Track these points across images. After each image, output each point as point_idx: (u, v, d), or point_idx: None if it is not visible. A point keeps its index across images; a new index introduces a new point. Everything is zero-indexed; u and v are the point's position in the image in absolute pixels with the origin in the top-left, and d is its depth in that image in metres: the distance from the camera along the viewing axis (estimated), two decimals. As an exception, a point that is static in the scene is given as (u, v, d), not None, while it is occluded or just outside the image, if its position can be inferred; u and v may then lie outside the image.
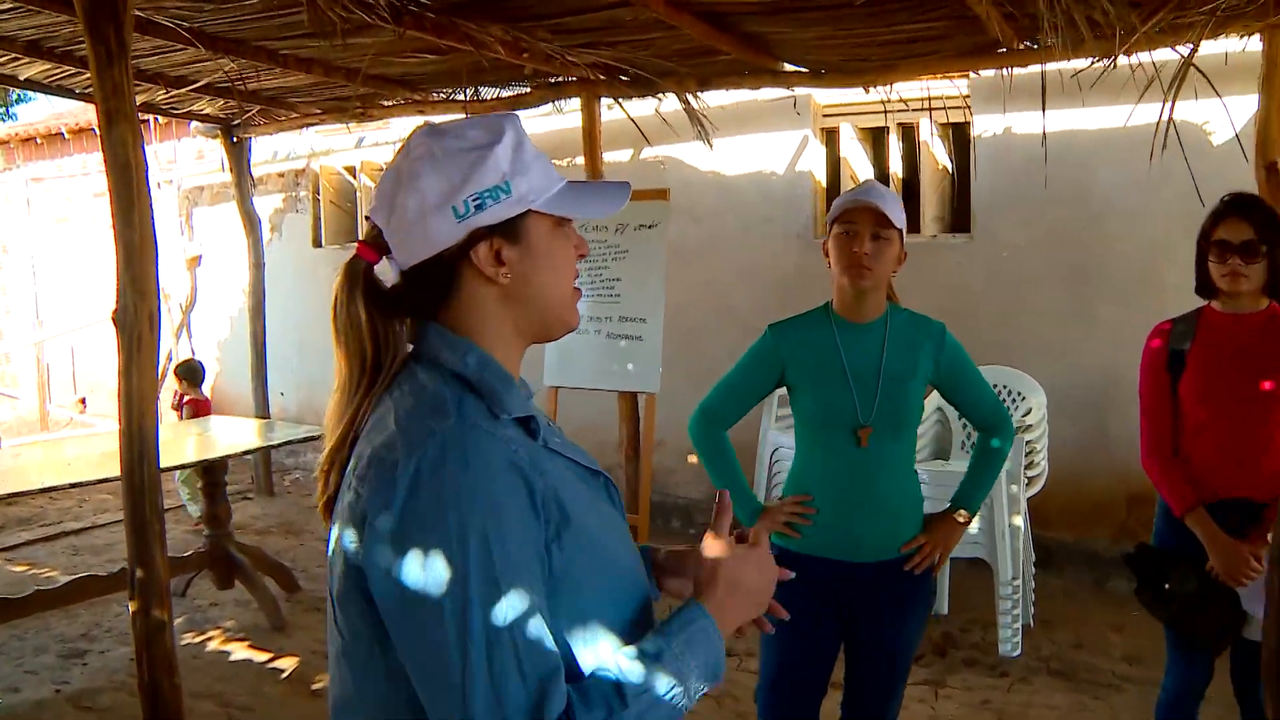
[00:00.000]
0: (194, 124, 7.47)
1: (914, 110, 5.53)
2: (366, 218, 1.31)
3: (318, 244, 8.70)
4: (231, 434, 5.87)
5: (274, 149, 8.49)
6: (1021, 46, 4.56)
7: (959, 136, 6.14)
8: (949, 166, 6.25)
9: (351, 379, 1.26)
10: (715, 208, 6.65)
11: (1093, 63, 4.12)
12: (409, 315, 1.29)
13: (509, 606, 1.08)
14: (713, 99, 5.69)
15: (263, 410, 7.63)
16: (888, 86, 5.08)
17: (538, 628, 1.09)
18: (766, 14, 4.20)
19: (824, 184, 6.48)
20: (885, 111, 5.29)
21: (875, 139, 6.55)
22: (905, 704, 2.85)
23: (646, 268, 5.57)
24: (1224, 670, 3.04)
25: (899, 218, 2.55)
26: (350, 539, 1.15)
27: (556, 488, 1.17)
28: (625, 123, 5.83)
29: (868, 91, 5.20)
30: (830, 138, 6.49)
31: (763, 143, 6.44)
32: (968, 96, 5.66)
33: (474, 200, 1.22)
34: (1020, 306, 5.68)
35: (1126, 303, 5.45)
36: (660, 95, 5.61)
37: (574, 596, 1.16)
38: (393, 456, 1.14)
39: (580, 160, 6.21)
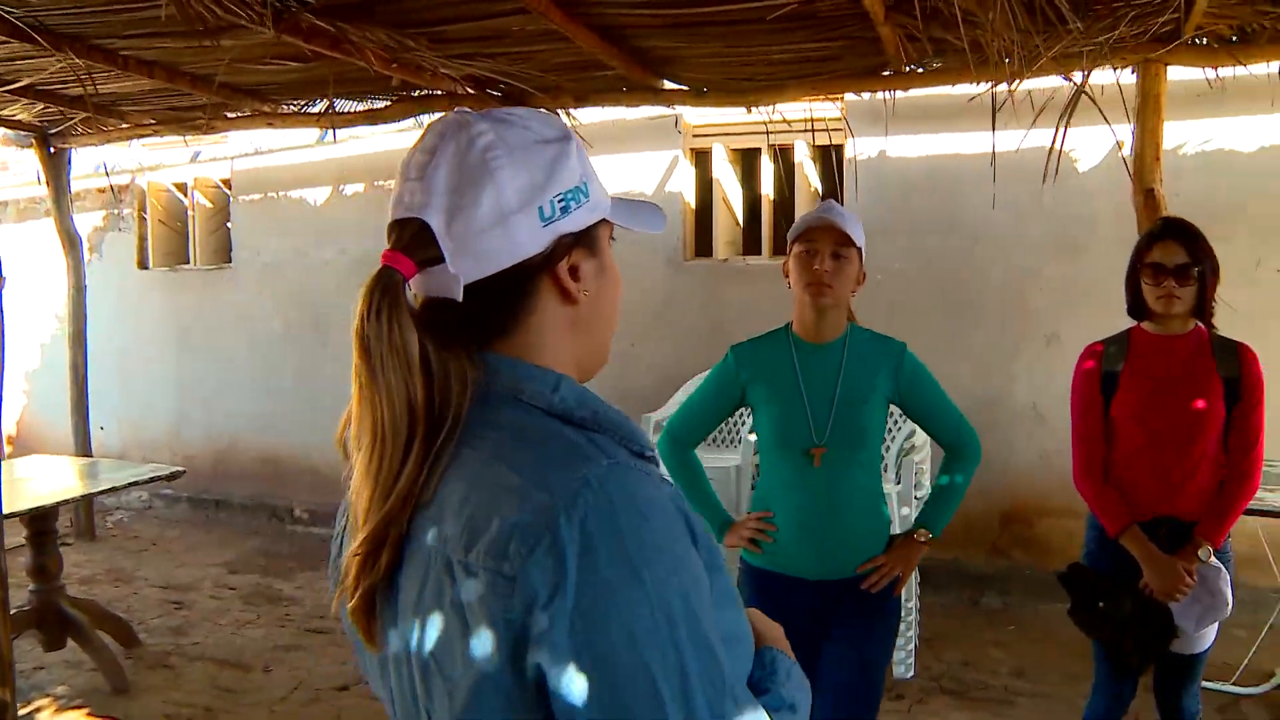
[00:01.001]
0: (2, 131, 6.80)
1: (795, 131, 5.49)
2: (403, 220, 1.02)
3: (143, 265, 8.04)
4: (55, 475, 5.27)
5: (95, 162, 7.82)
6: (907, 69, 4.58)
7: (831, 159, 6.15)
8: (820, 189, 6.26)
9: (395, 429, 0.95)
10: (581, 229, 6.48)
11: (992, 88, 4.14)
12: (471, 343, 1.02)
13: (726, 672, 0.89)
14: (584, 116, 5.52)
15: (84, 447, 6.96)
16: (770, 107, 5.02)
17: (745, 688, 0.93)
18: (665, 28, 4.06)
19: (694, 206, 6.39)
20: (767, 132, 5.22)
21: (746, 160, 6.50)
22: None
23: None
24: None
25: (859, 237, 2.58)
26: (488, 642, 0.87)
27: (704, 530, 0.97)
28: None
29: (750, 111, 5.13)
30: (701, 159, 6.41)
31: (632, 163, 6.31)
32: (840, 119, 5.66)
33: (559, 201, 1.02)
34: (895, 330, 5.67)
35: (997, 327, 5.55)
36: (532, 111, 5.40)
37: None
38: (542, 520, 0.87)
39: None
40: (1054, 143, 4.21)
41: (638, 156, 6.26)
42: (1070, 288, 5.42)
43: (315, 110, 5.74)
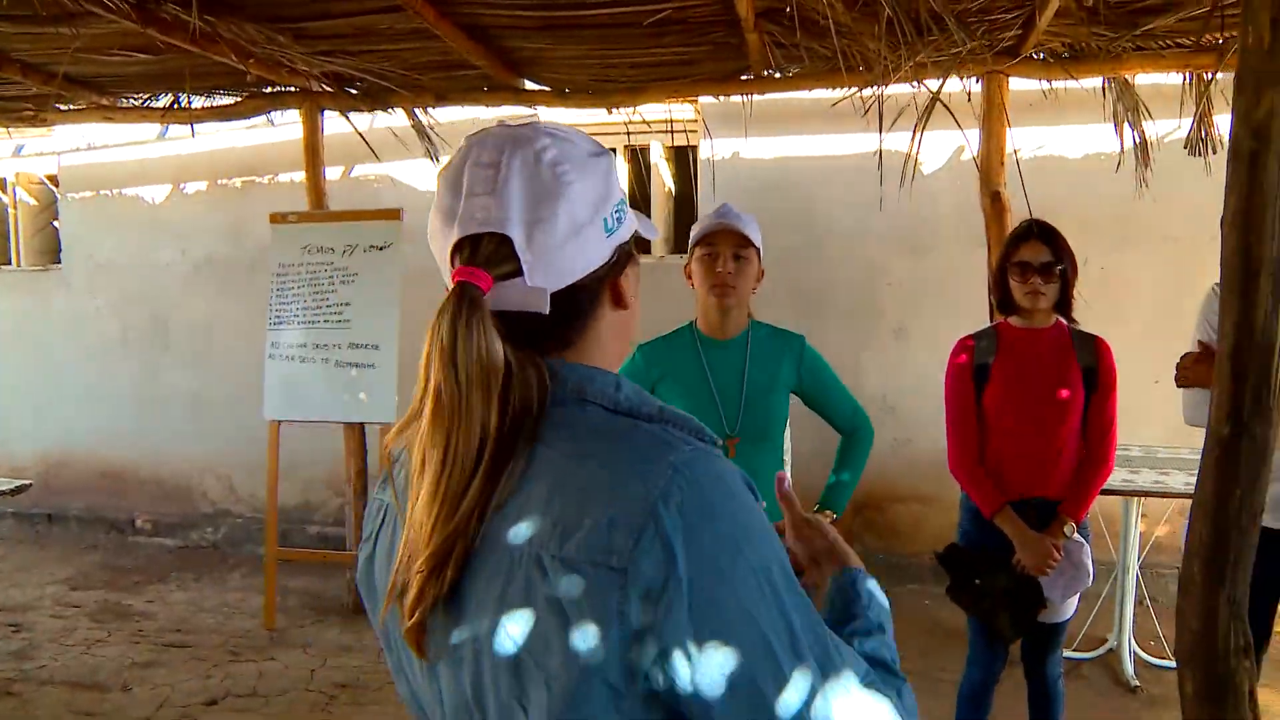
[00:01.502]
0: None
1: (652, 132, 5.59)
2: (479, 235, 0.99)
3: (-45, 266, 7.55)
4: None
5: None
6: (765, 74, 4.73)
7: (684, 159, 6.28)
8: (674, 189, 6.38)
9: (468, 447, 0.94)
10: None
11: (855, 92, 4.32)
12: (537, 353, 1.01)
13: (821, 623, 0.94)
14: (440, 116, 5.48)
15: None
16: (631, 108, 5.10)
17: (833, 634, 0.96)
18: (537, 29, 4.08)
19: (550, 205, 6.41)
20: (627, 132, 5.31)
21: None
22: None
23: (378, 291, 5.24)
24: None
25: (757, 238, 2.69)
26: (595, 634, 0.89)
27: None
28: (332, 137, 5.53)
29: (610, 113, 5.20)
30: (556, 158, 6.42)
31: (487, 162, 6.27)
32: (695, 120, 5.79)
33: (615, 213, 1.05)
34: (750, 325, 5.87)
35: (848, 322, 5.77)
36: (390, 110, 5.34)
37: None
38: (641, 510, 0.89)
39: (298, 177, 5.78)
40: (911, 147, 4.44)
41: (495, 156, 6.23)
42: (917, 285, 5.69)
43: (160, 105, 5.51)
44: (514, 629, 0.93)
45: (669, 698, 0.90)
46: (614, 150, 6.17)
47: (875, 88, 4.35)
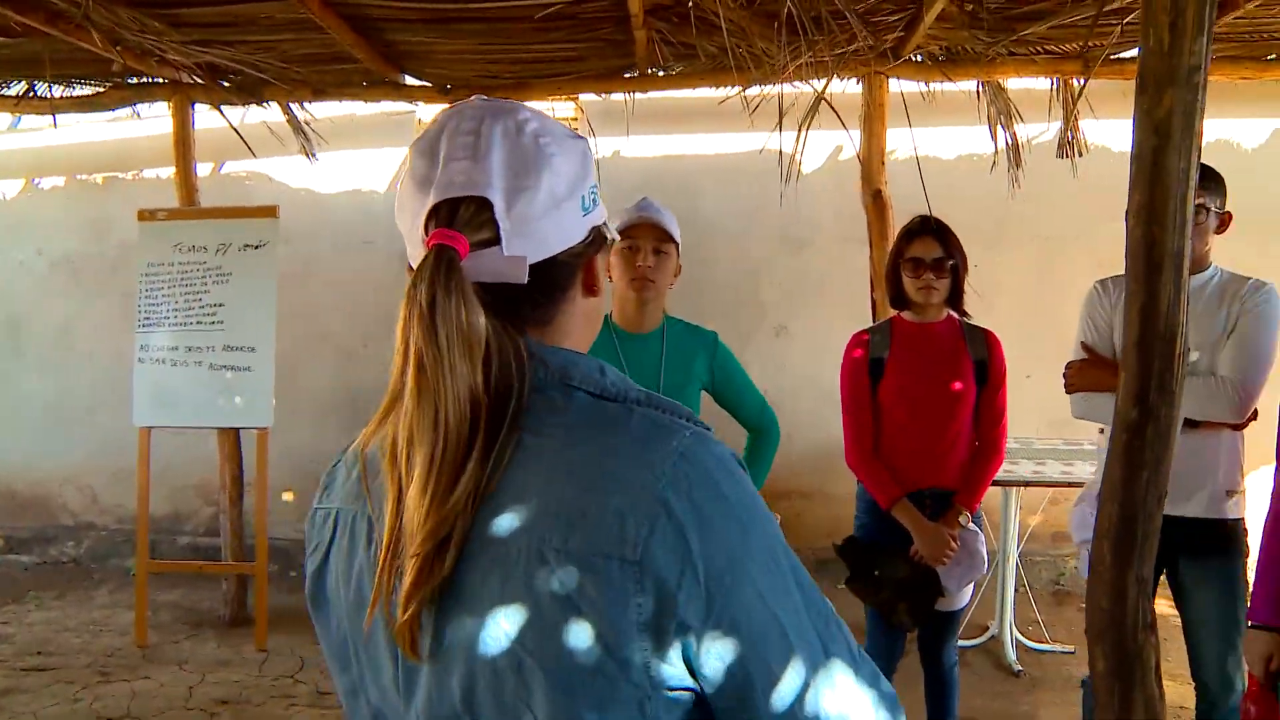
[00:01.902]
0: None
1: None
2: (457, 199, 0.95)
3: None
4: None
5: None
6: (651, 72, 4.74)
7: None
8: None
9: (460, 419, 0.89)
10: (310, 228, 6.18)
11: (742, 91, 4.35)
12: (513, 329, 0.96)
13: (821, 598, 0.95)
14: (317, 110, 5.34)
15: None
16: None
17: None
18: (423, 22, 4.00)
19: (430, 204, 6.29)
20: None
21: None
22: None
23: (253, 292, 5.06)
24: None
25: (676, 232, 2.73)
26: (608, 627, 0.86)
27: None
28: (202, 132, 5.34)
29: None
30: (436, 157, 6.31)
31: (365, 159, 6.13)
32: (576, 119, 5.76)
33: (590, 194, 1.02)
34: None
35: (730, 319, 5.80)
36: (265, 103, 5.16)
37: None
38: (651, 499, 0.87)
39: (165, 173, 5.54)
40: (796, 145, 4.49)
41: (373, 153, 6.08)
42: (797, 283, 5.77)
43: (13, 92, 5.21)
44: (515, 627, 0.89)
45: (684, 684, 0.89)
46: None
47: (763, 86, 4.40)
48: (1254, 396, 2.78)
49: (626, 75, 4.82)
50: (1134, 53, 4.48)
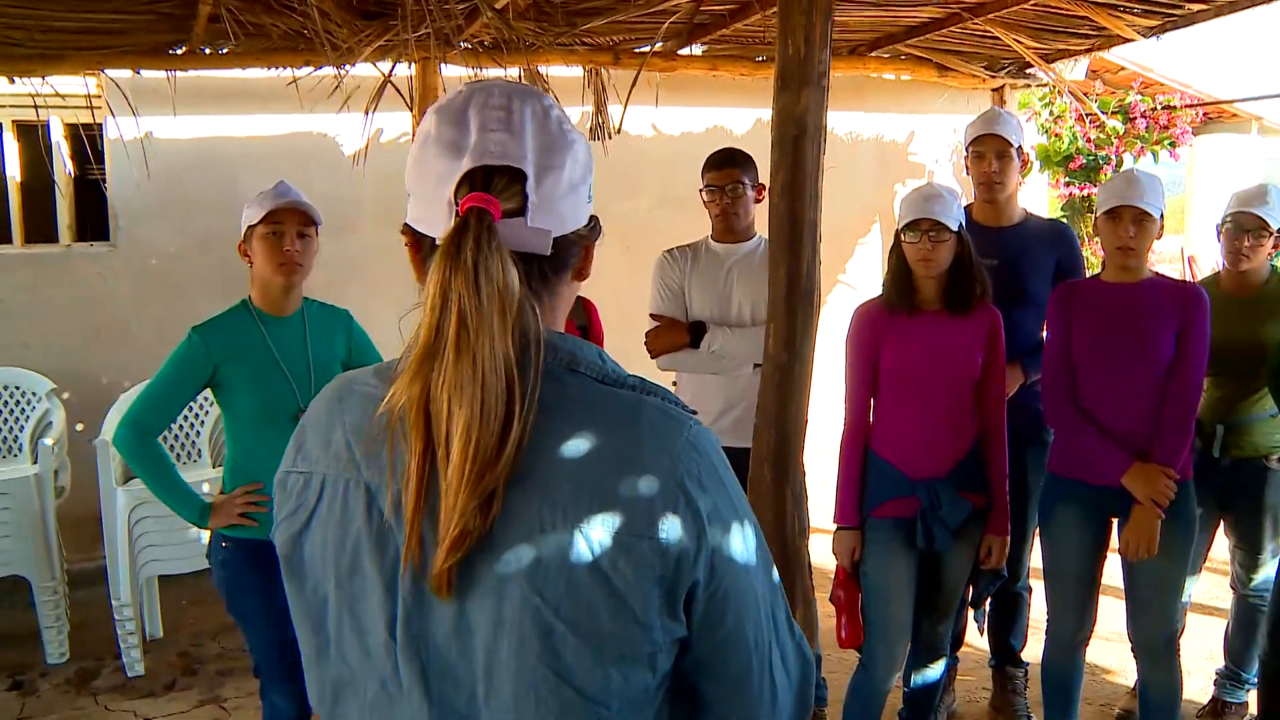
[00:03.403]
0: None
1: (49, 107, 5.03)
2: (493, 167, 1.00)
3: None
4: None
5: None
6: (203, 50, 4.56)
7: (100, 138, 5.71)
8: (73, 171, 5.78)
9: (494, 364, 0.94)
10: None
11: (295, 75, 4.34)
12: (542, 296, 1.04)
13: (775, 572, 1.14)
14: None
15: None
16: (42, 79, 4.58)
17: None
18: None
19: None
20: (31, 106, 4.73)
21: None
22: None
23: None
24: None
25: (318, 215, 2.82)
26: (639, 599, 0.97)
27: None
28: None
29: (12, 83, 4.63)
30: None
31: None
32: (98, 97, 5.31)
33: (590, 185, 1.12)
34: (178, 316, 5.50)
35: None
36: None
37: None
38: (672, 484, 0.99)
39: None
40: (365, 127, 4.59)
41: None
42: (344, 265, 5.80)
43: None
44: (549, 596, 0.96)
45: (680, 635, 1.02)
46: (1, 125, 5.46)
47: (324, 69, 4.43)
48: None
49: (175, 51, 4.59)
50: (650, 48, 5.11)
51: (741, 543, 1.04)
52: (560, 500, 0.96)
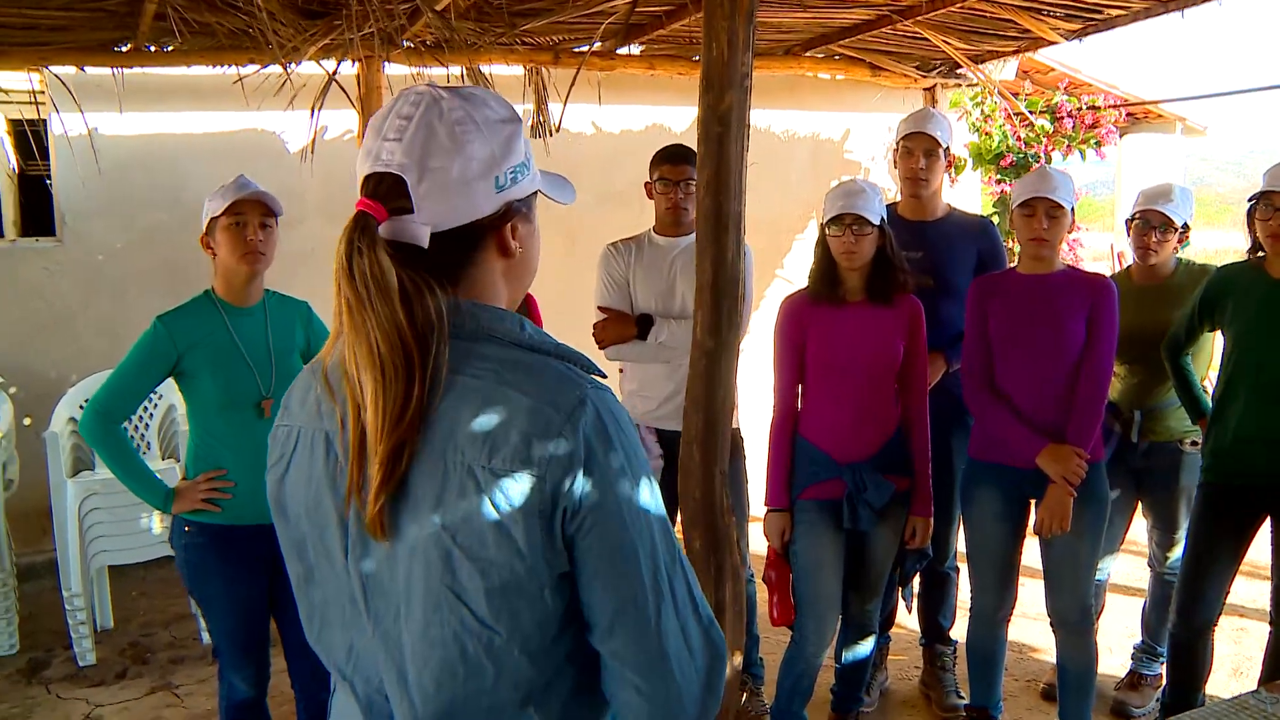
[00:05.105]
0: None
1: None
2: (379, 173, 1.18)
3: None
4: None
5: None
6: (147, 47, 4.61)
7: (44, 135, 5.71)
8: (17, 167, 5.78)
9: (393, 352, 1.11)
10: None
11: (240, 72, 4.39)
12: (434, 284, 1.18)
13: (673, 532, 1.25)
14: None
15: None
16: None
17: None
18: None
19: None
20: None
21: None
22: None
23: None
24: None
25: (279, 206, 2.89)
26: (520, 528, 1.11)
27: None
28: None
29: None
30: None
31: None
32: (42, 93, 5.33)
33: (511, 174, 1.24)
34: (123, 311, 5.57)
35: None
36: None
37: None
38: (556, 430, 1.12)
39: None
40: (312, 124, 4.64)
41: None
42: (290, 258, 5.82)
43: None
44: (449, 525, 1.12)
45: (565, 570, 1.15)
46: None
47: (268, 67, 4.49)
48: None
49: (121, 49, 4.62)
50: (589, 48, 5.22)
51: (627, 490, 1.16)
52: (460, 443, 1.12)
